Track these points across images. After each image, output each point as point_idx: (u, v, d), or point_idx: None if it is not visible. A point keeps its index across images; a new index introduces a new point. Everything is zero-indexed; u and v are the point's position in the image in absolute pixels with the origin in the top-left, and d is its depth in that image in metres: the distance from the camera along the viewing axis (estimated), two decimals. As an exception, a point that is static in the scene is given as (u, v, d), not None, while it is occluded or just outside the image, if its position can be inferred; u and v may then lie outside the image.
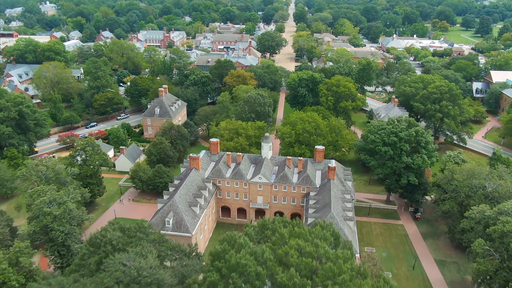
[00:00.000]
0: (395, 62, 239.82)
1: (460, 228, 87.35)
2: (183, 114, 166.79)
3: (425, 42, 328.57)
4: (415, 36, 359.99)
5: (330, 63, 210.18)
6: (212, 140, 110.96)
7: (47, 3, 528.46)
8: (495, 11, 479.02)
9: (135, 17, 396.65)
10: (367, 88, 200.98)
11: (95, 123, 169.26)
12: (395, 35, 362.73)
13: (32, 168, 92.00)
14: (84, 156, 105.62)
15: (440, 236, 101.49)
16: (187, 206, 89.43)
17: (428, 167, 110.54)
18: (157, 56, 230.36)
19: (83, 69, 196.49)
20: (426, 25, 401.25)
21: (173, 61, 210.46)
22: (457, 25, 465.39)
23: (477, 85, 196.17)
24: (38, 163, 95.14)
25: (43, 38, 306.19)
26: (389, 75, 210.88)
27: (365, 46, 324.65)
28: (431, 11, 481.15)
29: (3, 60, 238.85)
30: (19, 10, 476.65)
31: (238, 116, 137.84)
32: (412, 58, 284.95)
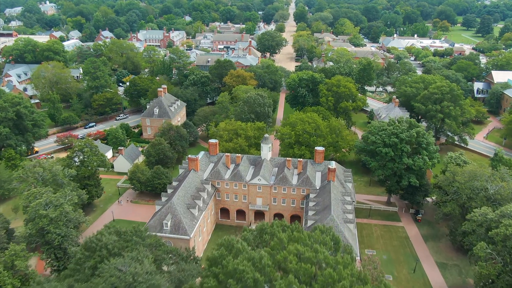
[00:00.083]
0: (395, 62, 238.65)
1: (461, 230, 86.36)
2: (182, 114, 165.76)
3: (426, 42, 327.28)
4: (415, 36, 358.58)
5: (330, 63, 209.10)
6: (211, 141, 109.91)
7: (47, 2, 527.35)
8: (496, 11, 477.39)
9: (135, 17, 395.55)
10: (368, 88, 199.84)
11: (94, 124, 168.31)
12: (395, 35, 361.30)
13: (29, 169, 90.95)
14: (82, 157, 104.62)
15: (441, 238, 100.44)
16: (185, 208, 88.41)
17: (429, 169, 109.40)
18: (157, 56, 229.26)
19: (82, 69, 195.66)
20: (426, 24, 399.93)
21: (173, 61, 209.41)
22: (458, 25, 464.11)
23: (478, 85, 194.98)
24: (35, 164, 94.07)
25: (42, 37, 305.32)
26: (389, 75, 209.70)
27: (366, 46, 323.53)
28: (432, 11, 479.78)
29: (2, 60, 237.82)
30: (18, 9, 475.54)
31: (237, 116, 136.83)
32: (412, 58, 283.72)
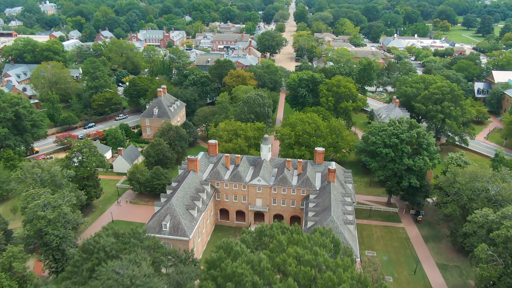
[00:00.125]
0: (396, 62, 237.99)
1: (462, 231, 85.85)
2: (182, 114, 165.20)
3: (426, 41, 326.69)
4: (416, 35, 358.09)
5: (330, 63, 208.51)
6: (210, 141, 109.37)
7: (47, 2, 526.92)
8: (496, 11, 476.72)
9: (135, 17, 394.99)
10: (368, 88, 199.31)
11: (93, 124, 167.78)
12: (396, 35, 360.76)
13: (27, 170, 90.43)
14: (80, 157, 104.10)
15: (442, 239, 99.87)
16: (184, 209, 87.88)
17: (429, 169, 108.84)
18: (157, 56, 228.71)
19: (81, 69, 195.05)
20: (427, 24, 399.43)
21: (172, 61, 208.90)
22: (458, 25, 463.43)
23: (478, 85, 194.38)
24: (33, 165, 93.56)
25: (42, 37, 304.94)
26: (390, 75, 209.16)
27: (366, 45, 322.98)
28: (432, 11, 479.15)
29: (1, 60, 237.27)
30: (18, 9, 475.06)
31: (237, 117, 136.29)
32: (413, 58, 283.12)
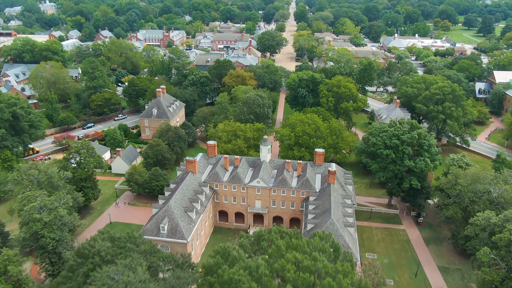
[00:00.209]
0: (396, 62, 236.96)
1: (464, 234, 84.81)
2: (181, 115, 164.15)
3: (427, 41, 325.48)
4: (416, 35, 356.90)
5: (330, 63, 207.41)
6: (209, 142, 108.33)
7: (47, 2, 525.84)
8: (497, 10, 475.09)
9: (134, 16, 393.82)
10: (368, 88, 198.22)
11: (92, 124, 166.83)
12: (396, 35, 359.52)
13: (23, 172, 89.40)
14: (78, 158, 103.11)
15: (443, 241, 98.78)
16: (182, 211, 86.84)
17: (430, 171, 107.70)
18: (156, 55, 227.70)
19: (80, 69, 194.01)
20: (428, 24, 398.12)
21: (172, 60, 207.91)
22: (459, 24, 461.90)
23: (480, 86, 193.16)
24: (30, 166, 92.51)
25: (41, 37, 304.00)
26: (390, 75, 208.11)
27: (366, 45, 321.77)
28: (433, 10, 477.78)
29: (0, 59, 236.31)
30: (18, 9, 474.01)
31: (236, 117, 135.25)
32: (413, 57, 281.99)
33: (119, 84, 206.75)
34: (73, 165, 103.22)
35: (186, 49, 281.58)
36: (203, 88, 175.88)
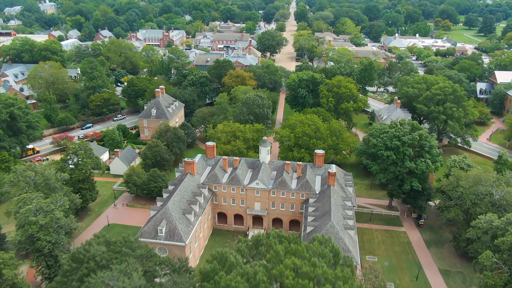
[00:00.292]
0: (397, 61, 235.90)
1: (465, 237, 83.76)
2: (180, 115, 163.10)
3: (428, 41, 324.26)
4: (417, 35, 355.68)
5: (331, 63, 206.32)
6: (208, 143, 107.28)
7: (46, 1, 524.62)
8: (498, 10, 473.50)
9: (134, 16, 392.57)
10: (369, 88, 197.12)
11: (91, 125, 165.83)
12: (397, 34, 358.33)
13: (20, 173, 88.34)
14: (76, 160, 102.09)
15: (444, 244, 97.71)
16: (180, 213, 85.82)
17: (432, 172, 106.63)
18: (155, 55, 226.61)
19: (79, 69, 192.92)
20: (428, 24, 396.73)
21: (171, 60, 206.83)
22: (460, 24, 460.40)
23: (481, 86, 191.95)
24: (27, 167, 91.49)
25: (41, 37, 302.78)
26: (391, 75, 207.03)
27: (367, 45, 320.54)
28: (434, 10, 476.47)
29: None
30: (18, 8, 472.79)
31: (236, 118, 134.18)
32: (414, 57, 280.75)
33: (119, 84, 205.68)
34: (70, 166, 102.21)
35: (186, 49, 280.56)
36: (202, 88, 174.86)
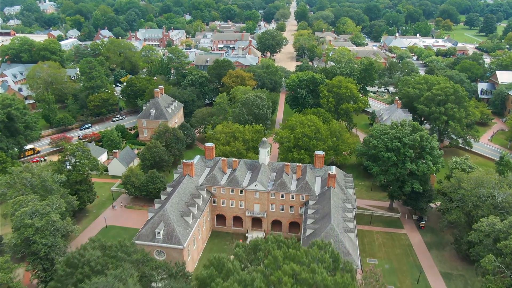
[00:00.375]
0: (398, 61, 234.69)
1: (467, 239, 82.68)
2: (179, 115, 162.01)
3: (429, 41, 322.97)
4: (418, 35, 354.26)
5: (331, 63, 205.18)
6: (207, 144, 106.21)
7: (46, 1, 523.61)
8: (499, 10, 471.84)
9: (134, 16, 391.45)
10: (369, 88, 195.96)
11: (90, 125, 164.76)
12: (397, 34, 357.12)
13: (16, 175, 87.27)
14: (73, 161, 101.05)
15: (445, 246, 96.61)
16: (179, 216, 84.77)
17: (433, 174, 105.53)
18: (155, 55, 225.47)
19: (78, 69, 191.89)
20: (429, 23, 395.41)
21: (171, 60, 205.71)
22: (461, 24, 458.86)
23: (482, 86, 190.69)
24: (23, 169, 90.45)
25: (40, 36, 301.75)
26: (391, 75, 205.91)
27: (367, 45, 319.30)
28: (434, 10, 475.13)
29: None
30: (17, 8, 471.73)
31: (235, 118, 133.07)
32: (415, 57, 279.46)
33: (118, 84, 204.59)
34: (68, 167, 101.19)
35: (185, 49, 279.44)
36: (202, 88, 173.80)
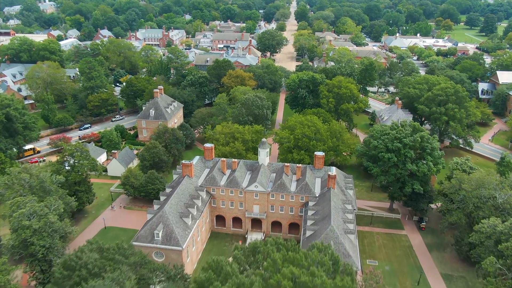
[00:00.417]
0: (398, 61, 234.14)
1: (468, 241, 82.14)
2: (179, 116, 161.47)
3: (429, 41, 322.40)
4: (418, 35, 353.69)
5: (331, 63, 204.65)
6: (206, 145, 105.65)
7: (46, 1, 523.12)
8: (499, 10, 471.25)
9: (134, 15, 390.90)
10: (369, 88, 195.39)
11: (89, 125, 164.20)
12: (398, 34, 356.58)
13: (14, 176, 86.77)
14: (72, 161, 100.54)
15: (446, 247, 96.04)
16: (178, 217, 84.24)
17: (433, 175, 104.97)
18: (155, 55, 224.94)
19: (78, 69, 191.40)
20: (429, 23, 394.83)
21: (170, 60, 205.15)
22: (461, 24, 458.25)
23: (483, 86, 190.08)
24: (22, 170, 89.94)
25: (40, 36, 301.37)
26: (392, 75, 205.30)
27: (368, 45, 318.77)
28: (435, 10, 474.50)
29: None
30: (17, 8, 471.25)
31: (235, 119, 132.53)
32: (415, 57, 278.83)
33: (118, 84, 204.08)
34: (67, 168, 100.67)
35: (185, 49, 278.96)
36: (201, 88, 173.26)
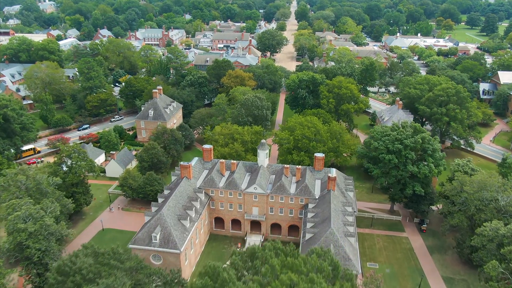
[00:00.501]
0: (398, 61, 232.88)
1: (470, 244, 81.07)
2: (178, 116, 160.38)
3: (430, 41, 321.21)
4: (419, 34, 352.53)
5: (332, 63, 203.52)
6: (205, 146, 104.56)
7: (46, 0, 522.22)
8: (500, 9, 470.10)
9: (134, 15, 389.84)
10: (370, 88, 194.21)
11: (88, 126, 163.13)
12: (398, 34, 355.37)
13: (10, 177, 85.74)
14: (69, 163, 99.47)
15: (447, 250, 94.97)
16: (176, 219, 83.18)
17: (434, 176, 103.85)
18: (154, 55, 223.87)
19: (77, 69, 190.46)
20: (430, 23, 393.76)
21: (170, 60, 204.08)
22: (462, 24, 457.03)
23: (484, 86, 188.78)
24: (18, 171, 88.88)
25: (39, 36, 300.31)
26: (392, 75, 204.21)
27: (368, 45, 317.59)
28: (436, 9, 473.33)
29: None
30: (17, 7, 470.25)
31: (234, 119, 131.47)
32: (416, 57, 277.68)
33: (117, 84, 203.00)
34: (64, 169, 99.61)
35: (185, 49, 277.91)
36: (201, 88, 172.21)
